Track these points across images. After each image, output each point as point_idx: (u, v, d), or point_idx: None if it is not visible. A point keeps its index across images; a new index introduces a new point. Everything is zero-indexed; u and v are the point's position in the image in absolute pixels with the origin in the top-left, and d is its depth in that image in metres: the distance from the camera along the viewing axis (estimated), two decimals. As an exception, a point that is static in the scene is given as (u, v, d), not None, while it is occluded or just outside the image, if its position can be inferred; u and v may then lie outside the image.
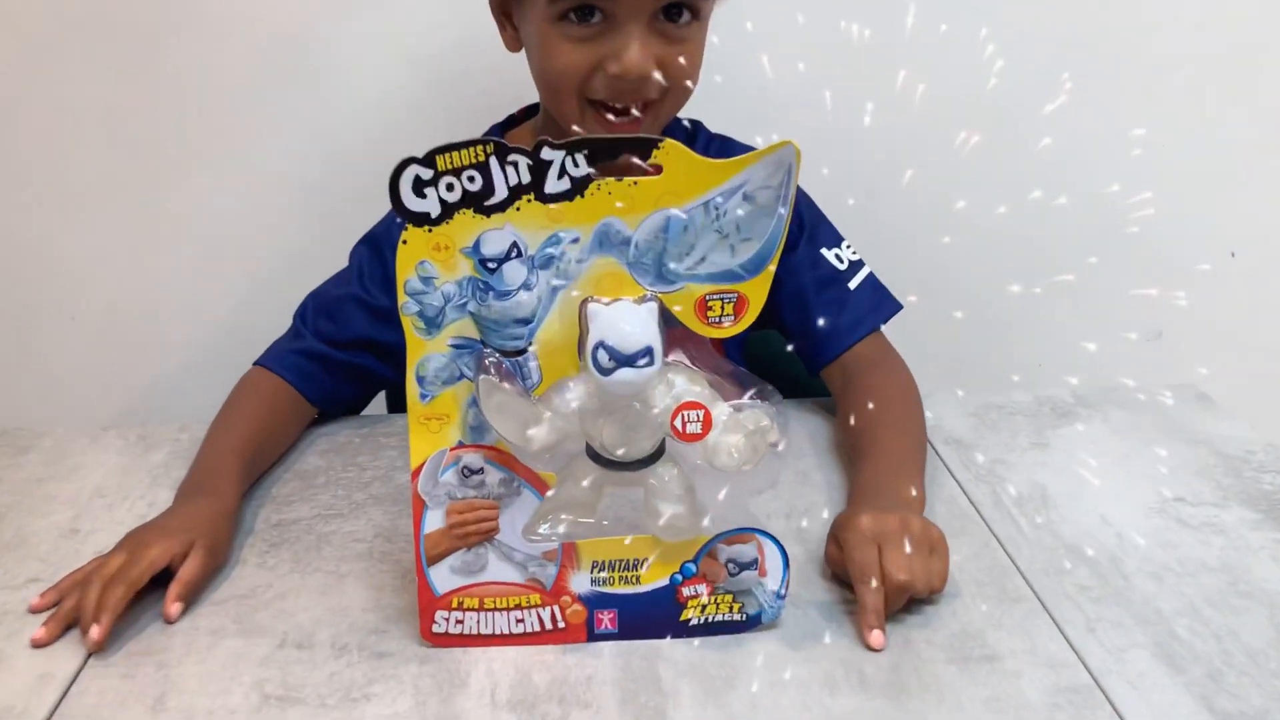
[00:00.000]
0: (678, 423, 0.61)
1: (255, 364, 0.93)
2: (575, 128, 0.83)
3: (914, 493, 0.74)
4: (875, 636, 0.65)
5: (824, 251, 0.93)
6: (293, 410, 0.91)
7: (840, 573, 0.70)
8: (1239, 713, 0.60)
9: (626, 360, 0.58)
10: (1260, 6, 1.22)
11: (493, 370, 0.61)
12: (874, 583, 0.66)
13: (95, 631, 0.65)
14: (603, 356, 0.58)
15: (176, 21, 1.16)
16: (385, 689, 0.63)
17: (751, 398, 0.62)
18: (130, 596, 0.67)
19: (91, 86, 1.18)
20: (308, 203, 1.22)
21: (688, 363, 0.62)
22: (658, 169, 0.58)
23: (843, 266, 0.92)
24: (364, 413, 0.99)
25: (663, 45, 0.82)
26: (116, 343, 1.28)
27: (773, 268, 0.61)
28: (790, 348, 0.95)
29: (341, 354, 0.92)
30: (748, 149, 0.95)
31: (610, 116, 0.84)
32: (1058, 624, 0.67)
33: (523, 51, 0.88)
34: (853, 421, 0.84)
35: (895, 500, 0.73)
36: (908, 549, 0.67)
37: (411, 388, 0.62)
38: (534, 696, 0.62)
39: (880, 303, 0.93)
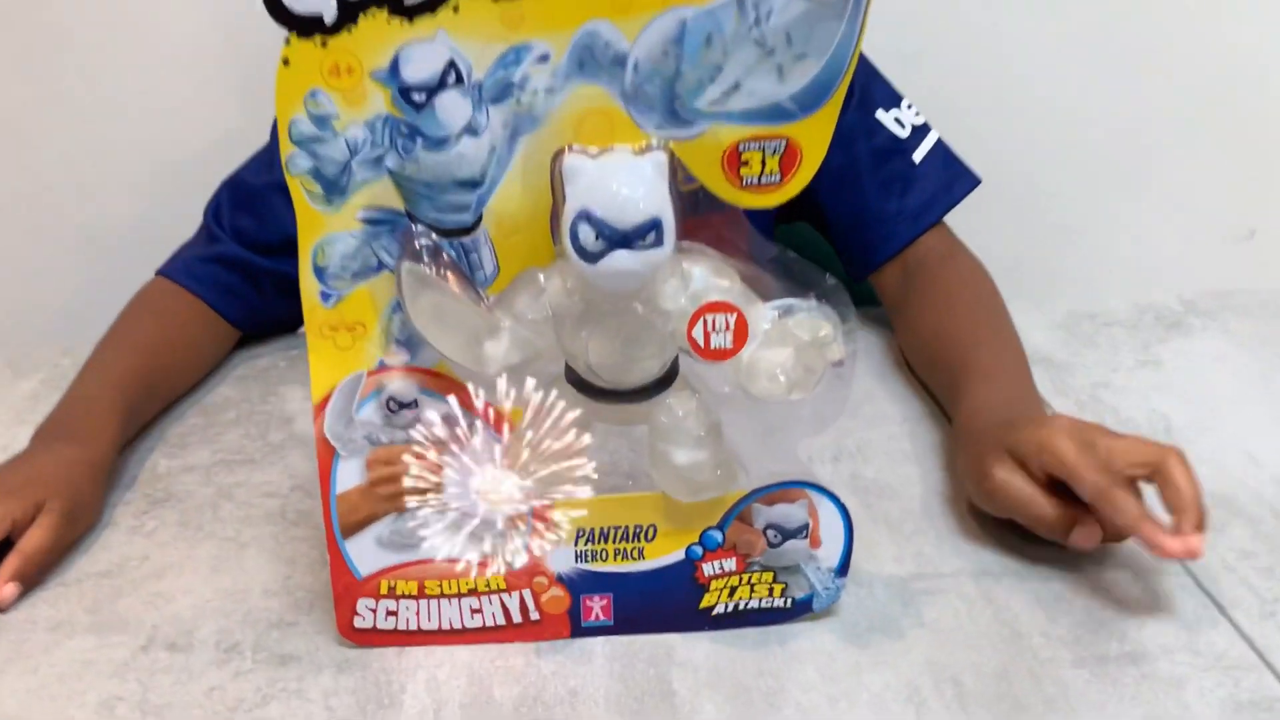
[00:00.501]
0: (698, 332, 0.42)
1: (157, 273, 0.73)
2: None
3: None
4: (1193, 541, 0.46)
5: (880, 114, 0.72)
6: (204, 334, 0.72)
7: (1008, 508, 0.51)
8: None
9: (622, 239, 0.39)
10: None
11: (426, 258, 0.42)
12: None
13: None
14: (588, 234, 0.39)
15: None
16: (285, 710, 0.44)
17: (802, 294, 0.43)
18: None
19: None
20: (218, 64, 0.99)
21: (710, 246, 0.43)
22: (667, -55, 0.38)
23: (904, 133, 0.72)
24: (299, 331, 0.79)
25: None
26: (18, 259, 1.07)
27: (838, 101, 0.41)
28: (830, 245, 0.76)
29: (267, 259, 0.72)
30: None
31: None
32: (1221, 607, 0.49)
33: None
34: (934, 328, 0.65)
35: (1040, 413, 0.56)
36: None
37: (308, 285, 0.43)
38: (494, 718, 0.44)
39: (953, 178, 0.73)
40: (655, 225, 0.39)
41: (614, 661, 0.46)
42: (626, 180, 0.40)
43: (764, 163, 0.42)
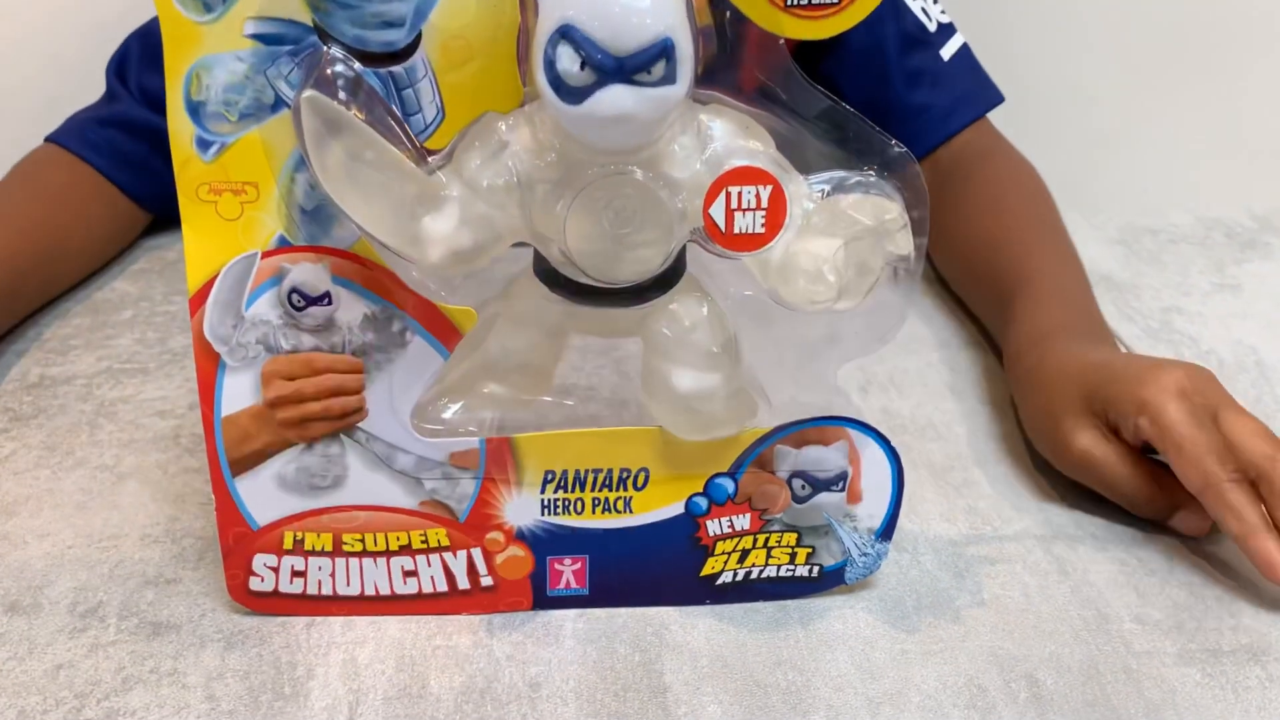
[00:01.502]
0: (718, 211, 0.30)
1: (46, 140, 0.61)
2: None
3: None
4: None
5: (909, 1, 0.61)
6: (99, 210, 0.60)
7: (1099, 483, 0.42)
8: None
9: (617, 67, 0.27)
10: None
11: (342, 93, 0.30)
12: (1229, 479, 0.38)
13: None
14: (569, 60, 0.27)
15: None
16: (151, 698, 0.34)
17: (862, 169, 0.32)
18: None
19: None
20: None
21: (731, 100, 0.32)
22: None
23: (932, 26, 0.62)
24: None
25: None
26: None
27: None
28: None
29: None
30: None
31: None
32: (1354, 590, 0.39)
33: None
34: (976, 233, 0.55)
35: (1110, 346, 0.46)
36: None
37: (178, 127, 0.31)
38: (428, 716, 0.33)
39: (982, 85, 0.63)
40: (665, 49, 0.28)
41: (588, 643, 0.36)
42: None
43: (819, -28, 0.30)
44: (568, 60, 0.28)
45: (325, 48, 0.30)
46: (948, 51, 0.62)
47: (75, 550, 0.39)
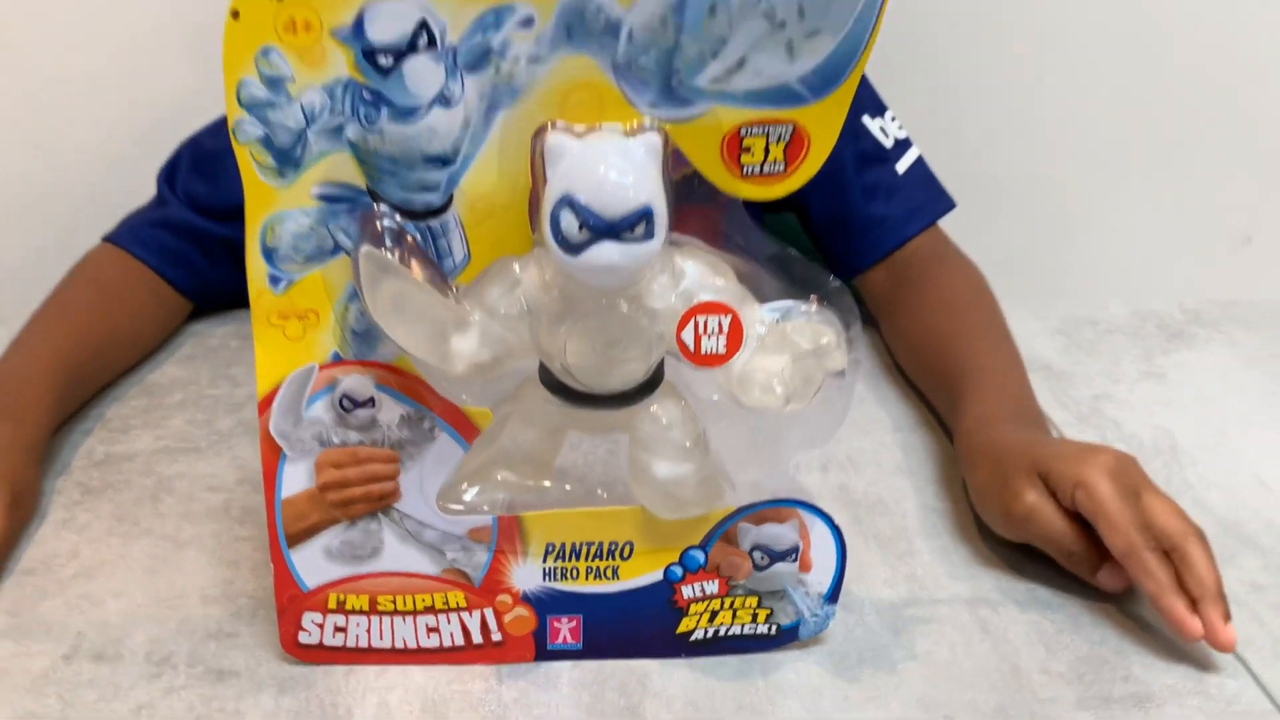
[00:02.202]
0: (688, 335, 0.38)
1: (103, 240, 0.69)
2: None
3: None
4: (1229, 632, 0.43)
5: (866, 120, 0.70)
6: (150, 303, 0.67)
7: (1039, 537, 0.48)
8: None
9: (608, 229, 0.35)
10: None
11: (388, 241, 0.37)
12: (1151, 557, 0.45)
13: None
14: (570, 223, 0.35)
15: None
16: (225, 729, 0.40)
17: (805, 298, 0.39)
18: None
19: None
20: (169, 22, 0.93)
21: (702, 245, 0.39)
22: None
23: (888, 143, 0.70)
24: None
25: None
26: None
27: (853, 85, 0.37)
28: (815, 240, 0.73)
29: (221, 226, 0.68)
30: None
31: None
32: (1232, 646, 0.46)
33: None
34: (927, 330, 0.62)
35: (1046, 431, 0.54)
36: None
37: (255, 267, 0.38)
38: (452, 746, 0.40)
39: (935, 195, 0.71)
40: (645, 215, 0.35)
41: (582, 689, 0.43)
42: (615, 163, 0.35)
43: (768, 150, 0.38)
44: (569, 222, 0.35)
45: (376, 206, 0.38)
46: (903, 165, 0.70)
47: (147, 608, 0.46)
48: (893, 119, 0.71)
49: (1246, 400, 0.65)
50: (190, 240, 0.68)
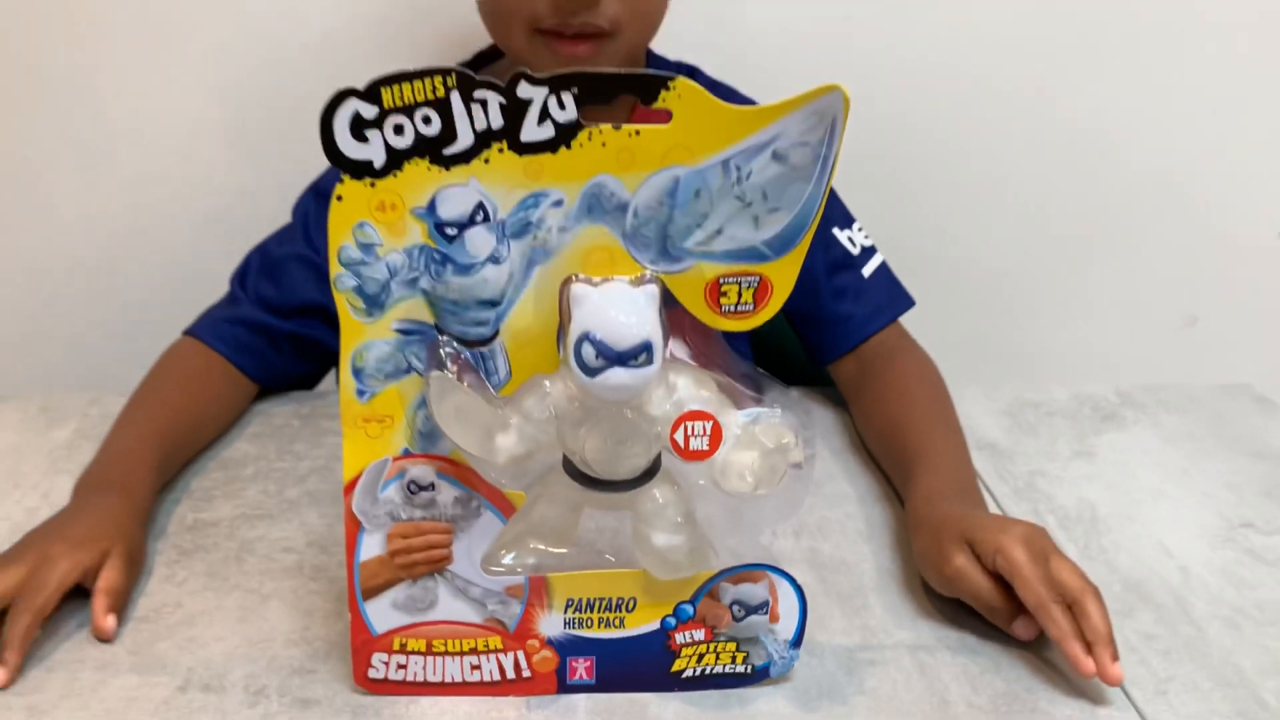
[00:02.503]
0: (679, 436, 0.49)
1: (184, 333, 0.80)
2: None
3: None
4: (1116, 670, 0.53)
5: (835, 231, 0.82)
6: (227, 389, 0.78)
7: (966, 594, 0.59)
8: (1352, 812, 0.49)
9: (618, 358, 0.46)
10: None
11: (449, 364, 0.49)
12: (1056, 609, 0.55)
13: (2, 673, 0.54)
14: (589, 352, 0.46)
15: None
16: (309, 747, 0.51)
17: (770, 406, 0.50)
18: (38, 627, 0.56)
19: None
20: (240, 145, 1.07)
21: (692, 360, 0.50)
22: (666, 115, 0.46)
23: (856, 251, 0.81)
24: (304, 393, 0.86)
25: None
26: (20, 298, 1.13)
27: (805, 247, 0.49)
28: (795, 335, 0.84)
29: (286, 322, 0.79)
30: (749, 100, 0.83)
31: (561, 48, 0.72)
32: (1121, 685, 0.56)
33: None
34: (887, 418, 0.73)
35: (982, 506, 0.64)
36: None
37: (346, 382, 0.49)
38: (490, 761, 0.50)
39: (896, 296, 0.83)
40: (647, 347, 0.46)
41: (594, 716, 0.53)
42: (624, 308, 0.47)
43: (740, 294, 0.49)
44: (588, 352, 0.46)
45: (440, 337, 0.49)
46: (869, 270, 0.82)
47: (242, 649, 0.57)
48: (859, 229, 0.83)
49: (1160, 476, 0.75)
50: (260, 334, 0.79)
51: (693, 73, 0.87)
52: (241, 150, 1.07)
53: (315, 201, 0.82)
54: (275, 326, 0.79)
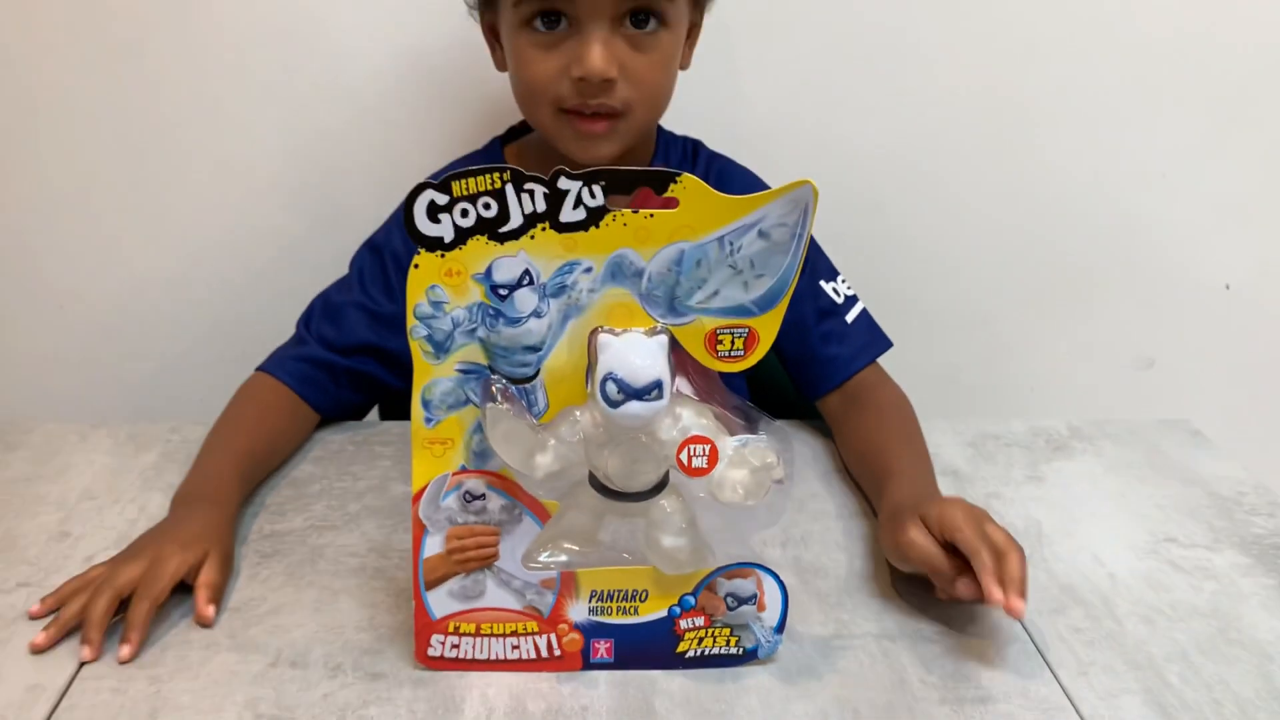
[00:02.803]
0: (683, 456, 0.60)
1: (257, 370, 0.92)
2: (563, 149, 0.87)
3: None
4: (1020, 604, 0.64)
5: (822, 284, 0.94)
6: (294, 417, 0.90)
7: (917, 559, 0.70)
8: (1229, 765, 0.60)
9: (635, 394, 0.58)
10: (1260, 43, 1.22)
11: (499, 397, 0.61)
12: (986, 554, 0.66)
13: (127, 650, 0.65)
14: (612, 389, 0.58)
15: (166, 18, 1.13)
16: (380, 712, 0.62)
17: (757, 433, 0.62)
18: (155, 612, 0.67)
19: (83, 82, 1.15)
20: (302, 202, 1.21)
21: (694, 395, 0.62)
22: (674, 202, 0.58)
23: (840, 300, 0.93)
24: (357, 422, 0.98)
25: (628, 51, 0.84)
26: (106, 336, 1.26)
27: (785, 304, 0.61)
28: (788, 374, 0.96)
29: (344, 360, 0.91)
30: (745, 170, 0.97)
31: (581, 125, 0.85)
32: (1050, 666, 0.68)
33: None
34: (866, 442, 0.85)
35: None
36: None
37: (416, 411, 0.62)
38: (528, 724, 0.62)
39: (876, 338, 0.95)
40: (658, 385, 0.58)
41: (613, 687, 0.65)
42: (640, 353, 0.59)
43: (733, 342, 0.61)
44: (611, 389, 0.58)
45: (492, 375, 0.61)
46: (851, 316, 0.94)
47: (319, 634, 0.69)
48: (843, 281, 0.95)
49: (1099, 498, 0.87)
50: (322, 370, 0.91)
51: (696, 146, 1.00)
52: (296, 209, 1.20)
53: (370, 256, 0.94)
54: (335, 363, 0.91)
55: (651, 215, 0.58)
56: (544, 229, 0.58)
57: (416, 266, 0.59)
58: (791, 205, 0.58)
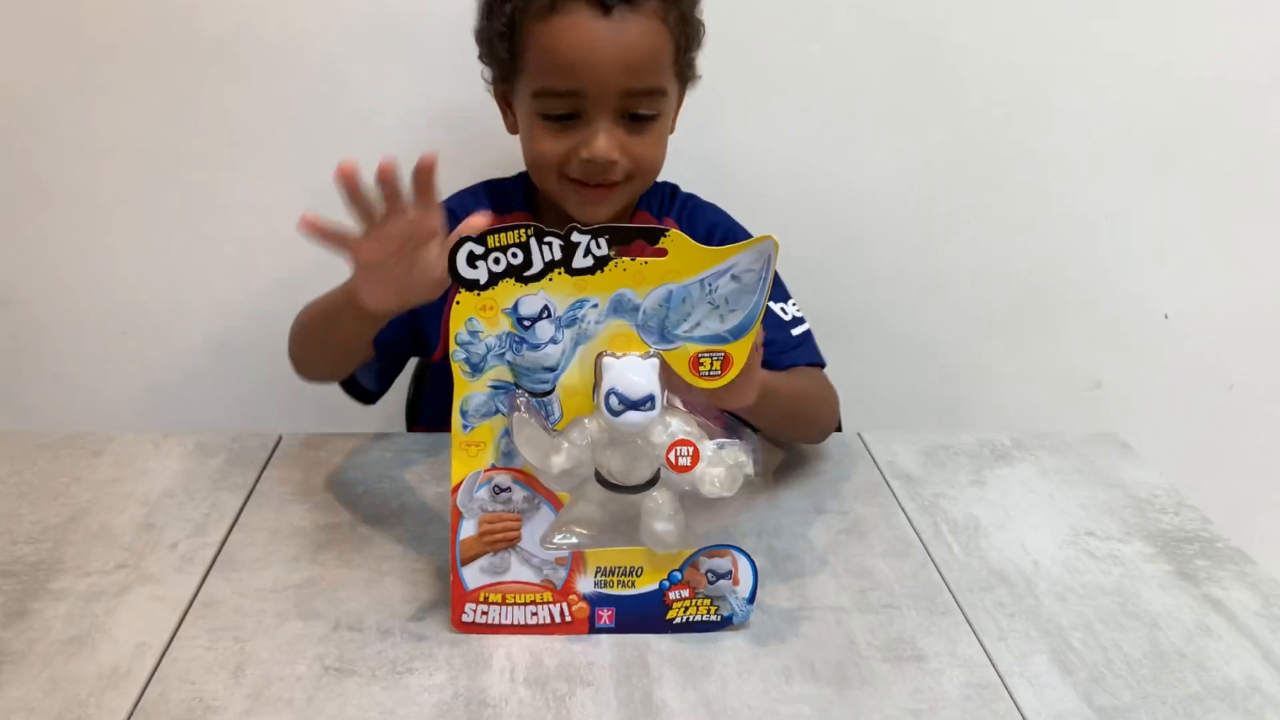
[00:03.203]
0: (672, 456, 0.75)
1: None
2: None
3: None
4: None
5: (772, 304, 1.07)
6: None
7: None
8: (1111, 707, 0.74)
9: (633, 404, 0.73)
10: (1191, 102, 1.38)
11: (523, 408, 0.75)
12: None
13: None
14: (614, 401, 0.73)
15: (213, 54, 1.29)
16: (424, 665, 0.77)
17: (732, 438, 0.77)
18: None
19: (143, 124, 1.32)
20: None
21: (682, 407, 0.77)
22: (663, 252, 0.73)
23: (787, 318, 1.07)
24: (390, 432, 1.13)
25: (627, 135, 1.00)
26: (162, 354, 1.42)
27: (754, 333, 0.75)
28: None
29: (385, 330, 1.05)
30: (712, 206, 1.12)
31: (584, 192, 1.01)
32: (976, 633, 0.82)
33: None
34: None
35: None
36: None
37: (455, 420, 0.76)
38: (545, 676, 0.76)
39: (816, 351, 1.07)
40: (652, 398, 0.73)
41: (613, 647, 0.79)
42: (637, 372, 0.73)
43: (711, 364, 0.76)
44: (613, 401, 0.73)
45: (518, 389, 0.76)
46: (796, 332, 1.06)
47: (370, 606, 0.83)
48: (793, 304, 1.07)
49: (1031, 499, 1.01)
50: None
51: (674, 190, 1.15)
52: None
53: None
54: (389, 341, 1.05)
55: (646, 262, 0.73)
56: (560, 273, 0.73)
57: (458, 303, 0.73)
58: (758, 254, 0.73)
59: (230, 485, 0.98)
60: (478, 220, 0.75)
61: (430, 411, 1.24)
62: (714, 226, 1.13)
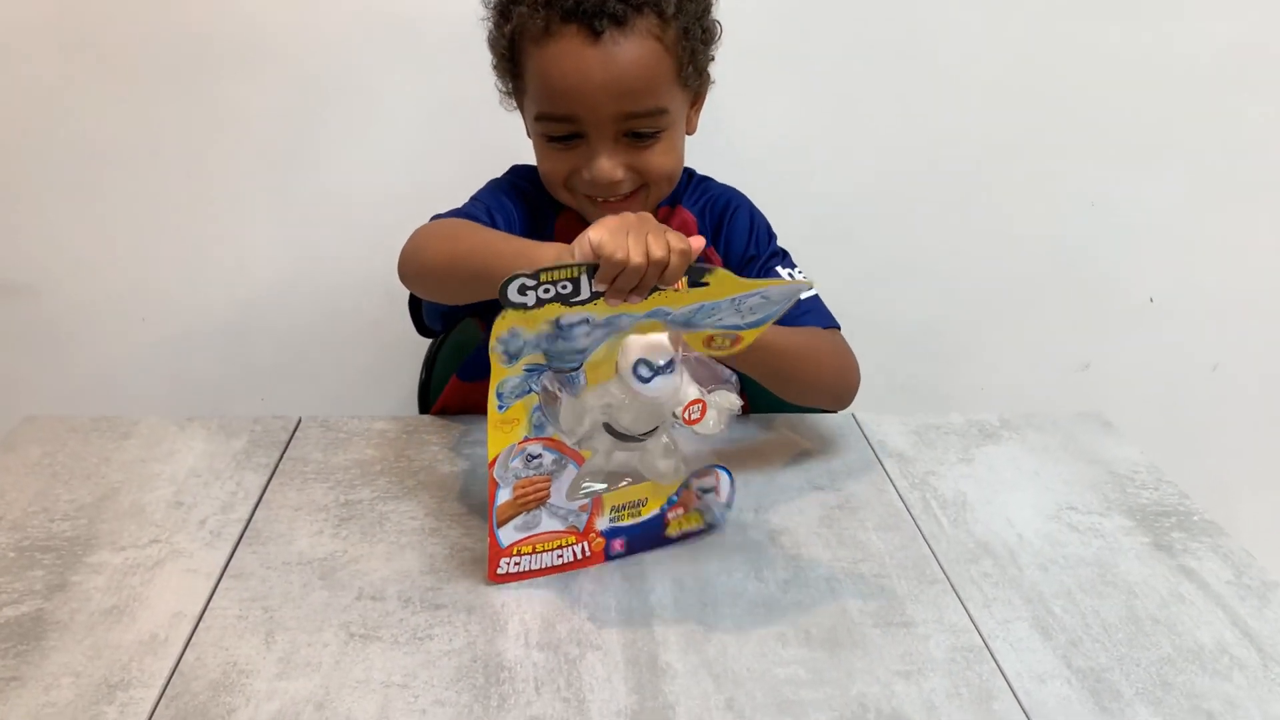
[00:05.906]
0: (686, 414, 0.87)
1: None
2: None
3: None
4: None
5: (779, 268, 1.16)
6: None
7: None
8: (1088, 669, 0.84)
9: (659, 370, 0.84)
10: (1171, 95, 1.47)
11: (553, 385, 0.85)
12: None
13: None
14: (644, 369, 0.84)
15: (231, 53, 1.40)
16: (443, 631, 0.86)
17: (722, 383, 0.89)
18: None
19: (161, 112, 1.41)
20: (359, 231, 1.47)
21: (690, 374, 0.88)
22: (703, 284, 0.80)
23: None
24: (402, 415, 1.20)
25: (631, 153, 1.03)
26: (183, 341, 1.50)
27: (767, 325, 0.85)
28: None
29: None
30: (724, 186, 1.20)
31: (601, 205, 1.06)
32: (962, 601, 0.91)
33: None
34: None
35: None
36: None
37: (492, 401, 0.85)
38: (558, 640, 0.83)
39: (826, 312, 1.11)
40: (672, 361, 0.84)
41: (623, 568, 0.91)
42: (657, 341, 0.84)
43: (723, 342, 0.86)
44: (643, 369, 0.84)
45: (548, 369, 0.84)
46: (805, 296, 1.12)
47: (391, 577, 0.92)
48: (798, 270, 1.16)
49: (1016, 475, 1.11)
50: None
51: (690, 173, 1.22)
52: (353, 245, 1.45)
53: (488, 188, 1.14)
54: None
55: (678, 289, 0.81)
56: (603, 300, 0.79)
57: (503, 315, 0.79)
58: (787, 293, 0.84)
59: (254, 465, 1.06)
60: (699, 242, 0.79)
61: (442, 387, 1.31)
62: (727, 205, 1.18)
